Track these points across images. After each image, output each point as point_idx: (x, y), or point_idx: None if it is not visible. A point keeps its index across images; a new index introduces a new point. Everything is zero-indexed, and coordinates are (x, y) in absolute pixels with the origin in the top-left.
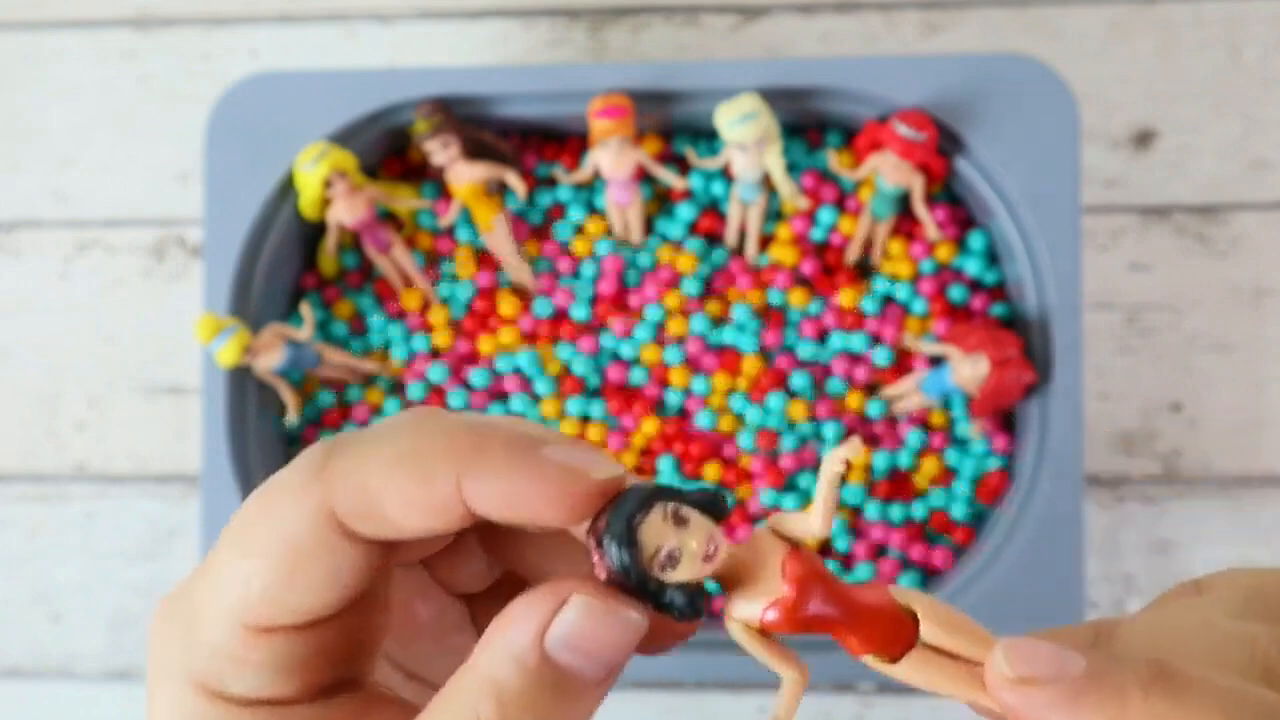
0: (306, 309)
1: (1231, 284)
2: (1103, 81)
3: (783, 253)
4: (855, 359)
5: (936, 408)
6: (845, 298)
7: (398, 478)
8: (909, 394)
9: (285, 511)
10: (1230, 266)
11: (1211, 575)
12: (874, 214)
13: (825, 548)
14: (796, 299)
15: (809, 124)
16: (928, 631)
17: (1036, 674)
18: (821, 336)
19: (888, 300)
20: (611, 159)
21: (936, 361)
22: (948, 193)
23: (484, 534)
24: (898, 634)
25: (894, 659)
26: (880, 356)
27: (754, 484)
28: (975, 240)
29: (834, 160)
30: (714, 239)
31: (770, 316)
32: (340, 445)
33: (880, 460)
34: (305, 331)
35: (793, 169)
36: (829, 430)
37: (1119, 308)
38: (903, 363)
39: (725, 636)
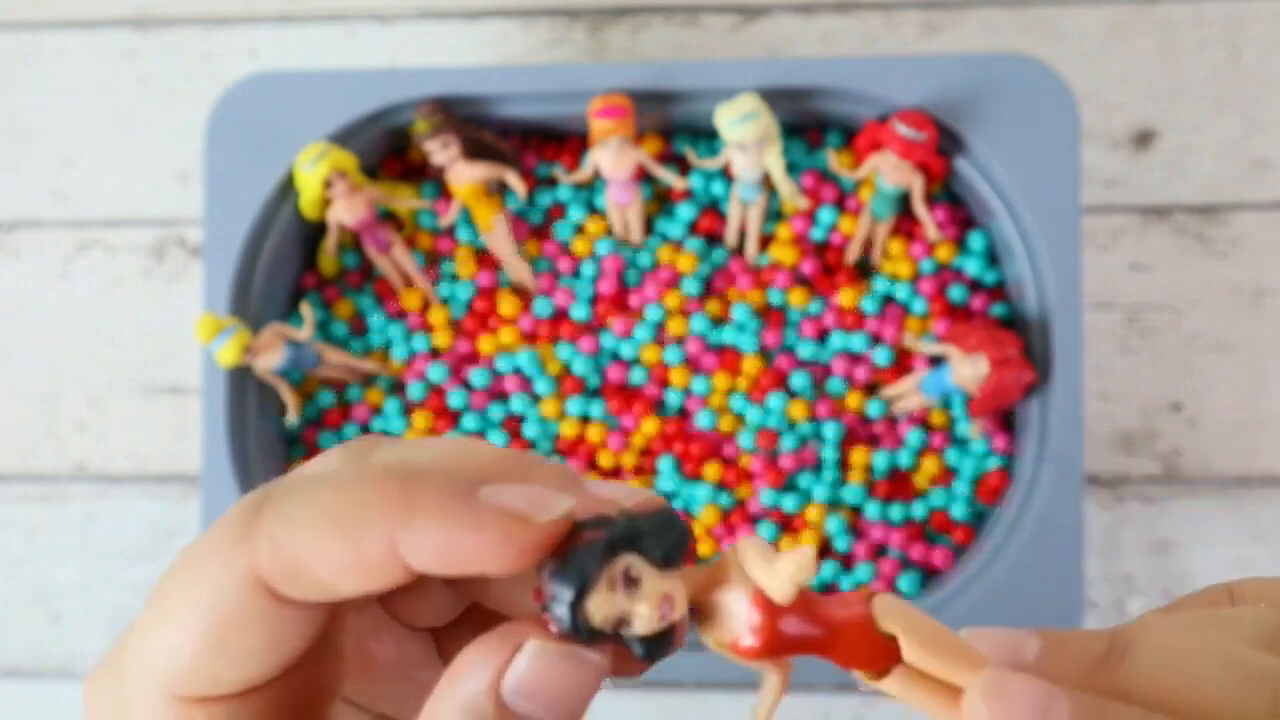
0: (306, 309)
1: (1231, 284)
2: (1103, 81)
3: (783, 253)
4: (855, 359)
5: (936, 407)
6: (845, 298)
7: (324, 540)
8: (909, 394)
9: (210, 577)
10: (1230, 266)
11: (1246, 583)
12: (874, 214)
13: (825, 548)
14: (796, 299)
15: (809, 124)
16: (909, 653)
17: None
18: (821, 336)
19: (888, 300)
20: (611, 159)
21: (936, 361)
22: (948, 193)
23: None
24: (878, 654)
25: (879, 676)
26: (880, 356)
27: (754, 484)
28: (975, 240)
29: (834, 160)
30: (714, 239)
31: (770, 316)
32: (269, 500)
33: (880, 460)
34: (305, 331)
35: (793, 169)
36: (829, 430)
37: (1119, 308)
38: (903, 362)
39: None
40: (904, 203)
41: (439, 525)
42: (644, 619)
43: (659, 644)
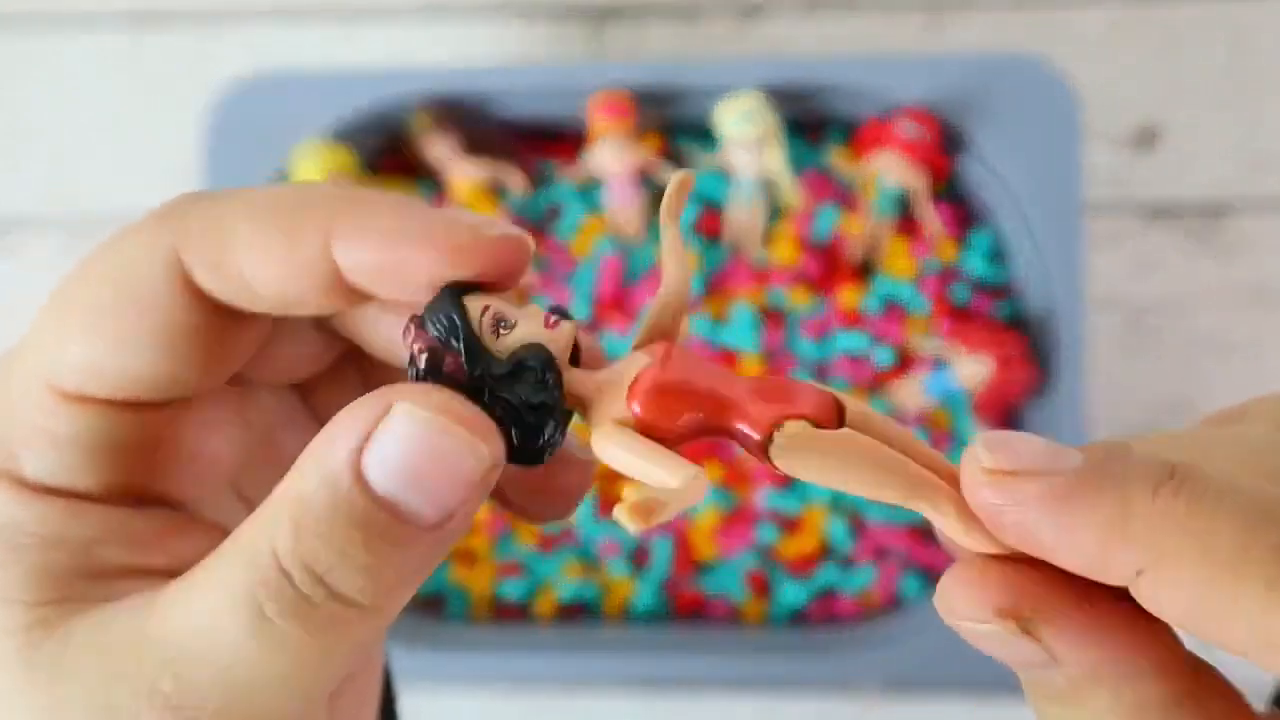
0: None
1: (1235, 283)
2: (1106, 80)
3: (784, 252)
4: (857, 359)
5: (939, 408)
6: (847, 297)
7: (260, 224)
8: (911, 394)
9: (125, 252)
10: (1233, 266)
11: (1256, 399)
12: (876, 213)
13: (826, 549)
14: (797, 298)
15: (810, 122)
16: (855, 419)
17: (1023, 466)
18: (823, 336)
19: (890, 300)
20: (612, 157)
21: (939, 361)
22: (950, 192)
23: (370, 367)
24: (815, 404)
25: (820, 425)
26: (882, 356)
27: (754, 484)
28: (978, 240)
29: (836, 158)
30: (714, 239)
31: (770, 316)
32: (207, 193)
33: None
34: None
35: (794, 167)
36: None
37: (1122, 307)
38: (905, 362)
39: (722, 636)
40: (906, 202)
41: (382, 221)
42: (529, 315)
43: (537, 414)
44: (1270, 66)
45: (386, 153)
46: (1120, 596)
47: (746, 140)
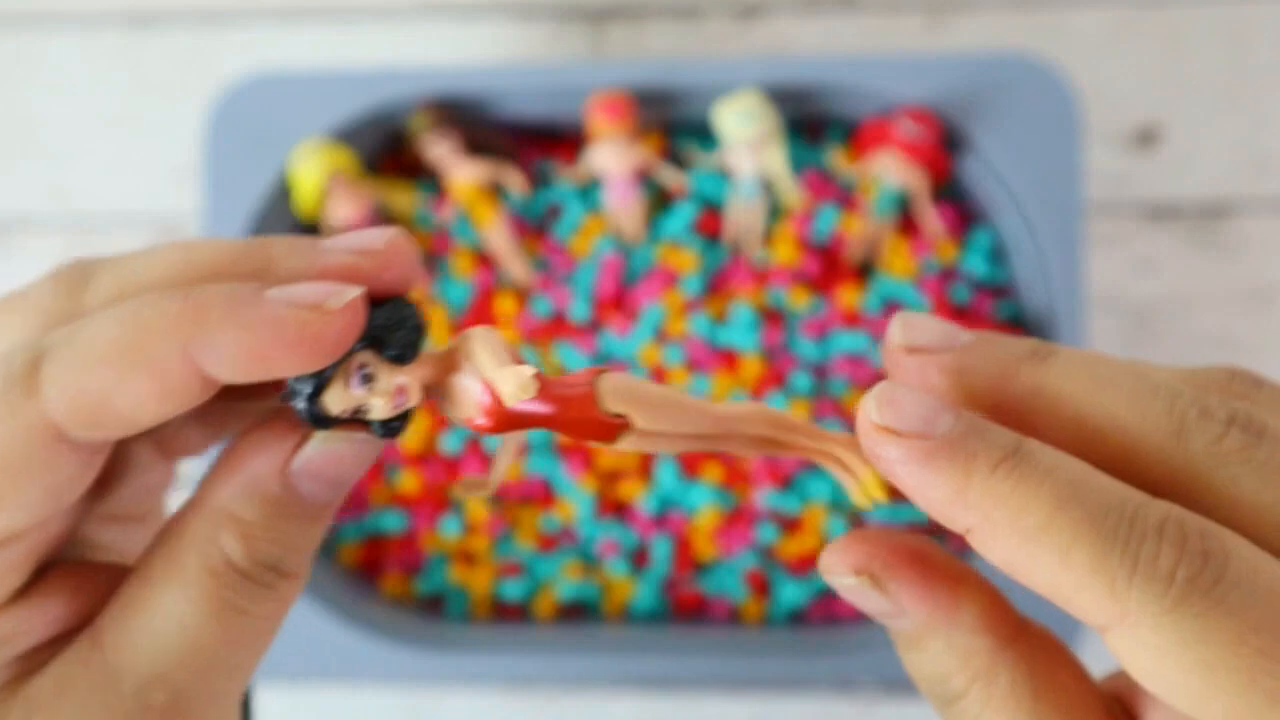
0: None
1: (1238, 284)
2: (1108, 80)
3: (784, 252)
4: (857, 359)
5: None
6: (847, 297)
7: (121, 372)
8: None
9: None
10: (1236, 266)
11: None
12: (876, 213)
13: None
14: (797, 299)
15: (810, 122)
16: (644, 424)
17: (899, 426)
18: (822, 336)
19: (890, 300)
20: (612, 157)
21: None
22: (950, 192)
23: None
24: (609, 427)
25: (615, 442)
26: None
27: (754, 484)
28: (979, 240)
29: (836, 158)
30: (714, 239)
31: (770, 316)
32: (48, 351)
33: None
34: None
35: (794, 167)
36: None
37: (1123, 308)
38: None
39: (722, 636)
40: (907, 201)
41: (232, 334)
42: (379, 409)
43: (395, 426)
44: (1270, 66)
45: (386, 153)
46: (954, 564)
47: (746, 140)
